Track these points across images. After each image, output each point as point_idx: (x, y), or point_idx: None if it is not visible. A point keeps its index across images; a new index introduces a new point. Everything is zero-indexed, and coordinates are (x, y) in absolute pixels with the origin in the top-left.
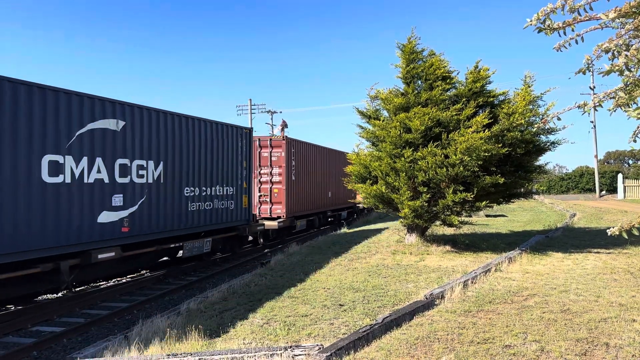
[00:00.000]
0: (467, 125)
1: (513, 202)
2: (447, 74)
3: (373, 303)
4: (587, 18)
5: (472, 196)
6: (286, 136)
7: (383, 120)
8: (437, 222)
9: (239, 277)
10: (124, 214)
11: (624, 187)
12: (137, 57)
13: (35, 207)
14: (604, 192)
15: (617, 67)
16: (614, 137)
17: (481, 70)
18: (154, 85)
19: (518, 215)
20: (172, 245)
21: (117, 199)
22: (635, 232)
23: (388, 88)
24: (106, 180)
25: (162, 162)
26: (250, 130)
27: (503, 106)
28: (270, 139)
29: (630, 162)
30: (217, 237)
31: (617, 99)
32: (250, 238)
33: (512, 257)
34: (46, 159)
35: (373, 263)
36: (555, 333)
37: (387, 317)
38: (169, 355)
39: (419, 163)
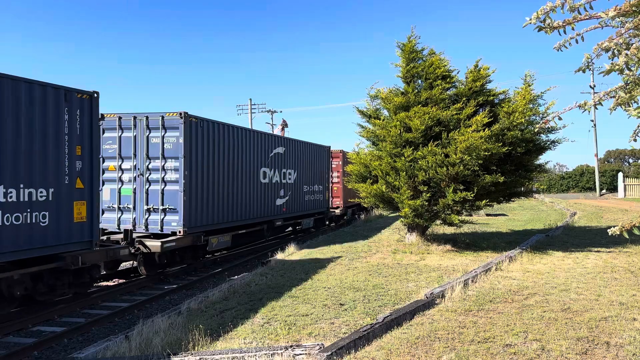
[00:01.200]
0: (467, 125)
1: (513, 201)
2: (447, 73)
3: (374, 302)
4: (587, 17)
5: (472, 195)
6: (342, 150)
7: (383, 120)
8: (438, 221)
9: (240, 276)
10: (283, 200)
11: (625, 185)
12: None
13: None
14: (604, 191)
15: (617, 66)
16: (615, 136)
17: (481, 69)
18: (154, 85)
19: (518, 214)
20: (299, 220)
21: (282, 192)
22: (636, 232)
23: (388, 87)
24: (280, 181)
25: (296, 171)
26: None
27: (503, 105)
28: (342, 152)
29: (631, 161)
30: (315, 218)
31: (617, 97)
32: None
33: (513, 256)
34: (261, 169)
35: (373, 262)
36: (555, 332)
37: (388, 316)
38: (169, 354)
39: (419, 162)
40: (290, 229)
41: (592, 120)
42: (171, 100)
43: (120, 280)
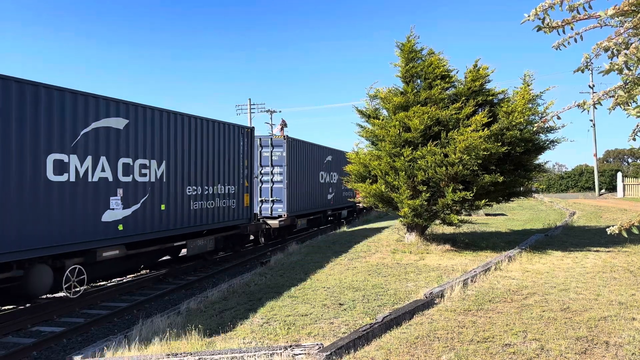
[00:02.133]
0: (466, 124)
1: (512, 200)
2: (446, 73)
3: (373, 302)
4: (586, 16)
5: (471, 195)
6: (286, 135)
7: (382, 120)
8: (437, 221)
9: (239, 276)
10: (332, 195)
11: (624, 185)
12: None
13: None
14: (603, 191)
15: (616, 66)
16: (614, 135)
17: (480, 69)
18: (154, 85)
19: (518, 214)
20: (339, 212)
21: (330, 189)
22: (635, 231)
23: (387, 87)
24: (329, 181)
25: (338, 173)
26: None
27: (502, 105)
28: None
29: (630, 160)
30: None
31: (616, 97)
32: (252, 237)
33: (512, 255)
34: (320, 172)
35: (373, 262)
36: (555, 332)
37: (387, 316)
38: (169, 355)
39: (419, 162)
40: (330, 218)
41: (591, 120)
42: (171, 100)
43: (120, 280)
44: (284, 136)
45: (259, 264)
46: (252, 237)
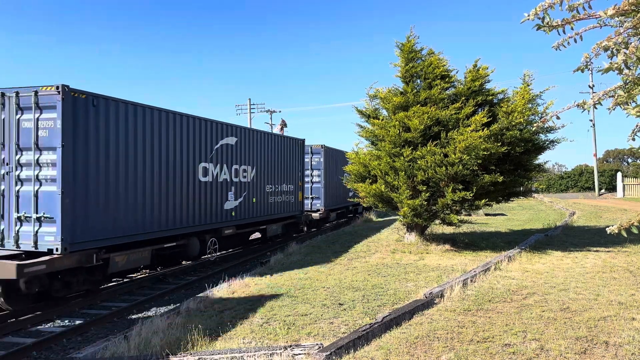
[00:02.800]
0: (466, 124)
1: (512, 200)
2: (446, 73)
3: (373, 302)
4: (586, 16)
5: (471, 195)
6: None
7: (382, 120)
8: (437, 221)
9: (239, 276)
10: (351, 193)
11: (623, 185)
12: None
13: None
14: (603, 191)
15: (616, 65)
16: (613, 135)
17: (480, 69)
18: (154, 85)
19: (517, 214)
20: (356, 207)
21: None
22: (635, 231)
23: (387, 87)
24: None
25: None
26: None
27: (502, 105)
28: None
29: (630, 160)
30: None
31: (616, 97)
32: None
33: (512, 255)
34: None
35: (373, 262)
36: (554, 331)
37: (387, 316)
38: (168, 354)
39: (418, 162)
40: (351, 213)
41: (591, 120)
42: (171, 100)
43: (121, 280)
44: (322, 145)
45: (259, 264)
46: (301, 226)
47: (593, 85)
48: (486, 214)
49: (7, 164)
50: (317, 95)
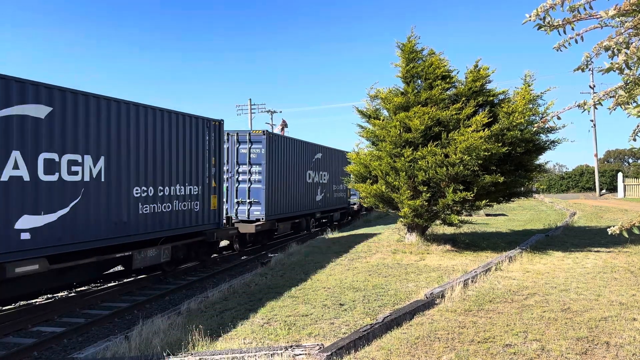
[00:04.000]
0: (467, 125)
1: (513, 201)
2: (446, 73)
3: (373, 302)
4: (587, 16)
5: (472, 195)
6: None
7: (383, 120)
8: (437, 222)
9: (240, 276)
10: None
11: (624, 185)
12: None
13: None
14: (604, 191)
15: (616, 65)
16: (614, 135)
17: (481, 70)
18: (154, 85)
19: (518, 214)
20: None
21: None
22: (636, 231)
23: (388, 87)
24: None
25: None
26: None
27: (503, 105)
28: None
29: (630, 160)
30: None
31: (617, 97)
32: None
33: (513, 256)
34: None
35: (373, 262)
36: (555, 332)
37: (388, 316)
38: (169, 355)
39: (419, 162)
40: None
41: (592, 120)
42: (171, 100)
43: (121, 280)
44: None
45: (260, 264)
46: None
47: (594, 86)
48: (487, 215)
49: (229, 172)
50: (318, 95)
